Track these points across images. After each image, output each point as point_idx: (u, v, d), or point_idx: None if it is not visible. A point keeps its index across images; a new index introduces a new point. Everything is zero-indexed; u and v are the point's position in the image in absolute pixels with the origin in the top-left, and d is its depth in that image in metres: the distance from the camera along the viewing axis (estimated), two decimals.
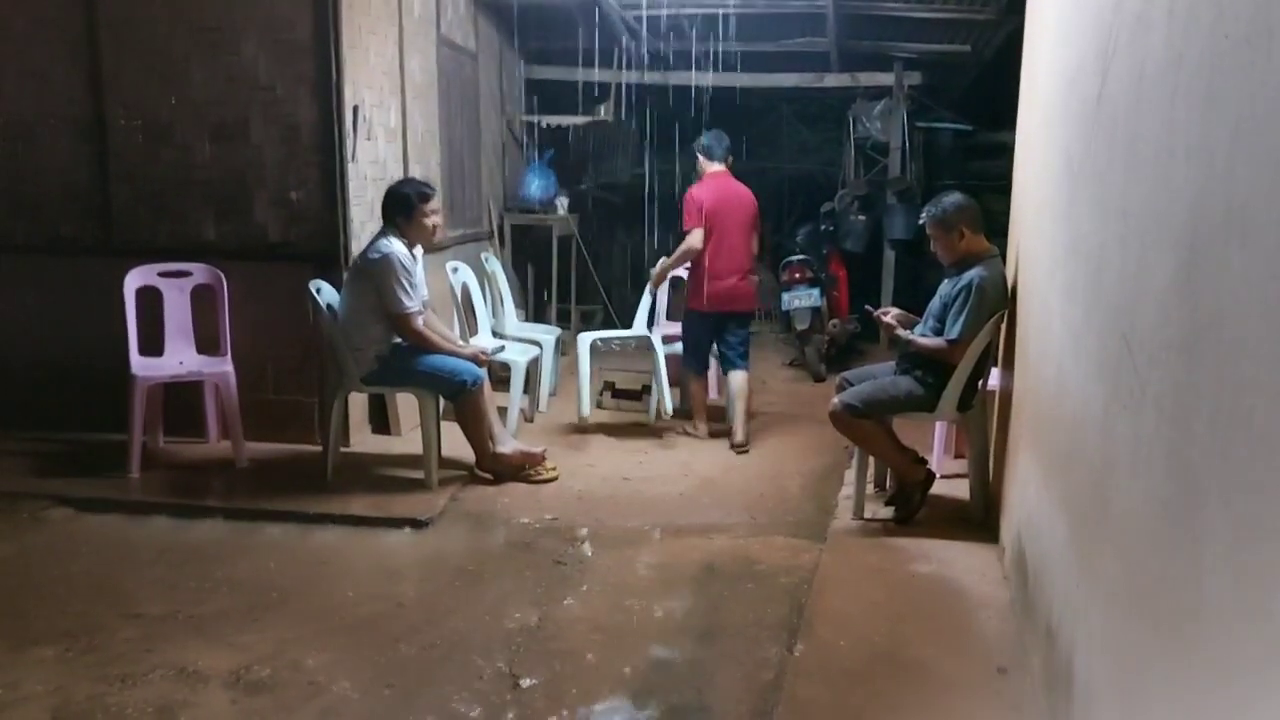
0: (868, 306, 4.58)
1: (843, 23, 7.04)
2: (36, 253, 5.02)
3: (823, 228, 8.00)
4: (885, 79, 7.96)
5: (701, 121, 7.62)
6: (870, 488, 4.38)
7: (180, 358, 4.75)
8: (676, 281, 6.27)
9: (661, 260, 5.59)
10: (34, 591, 3.42)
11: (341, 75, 4.73)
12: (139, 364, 4.56)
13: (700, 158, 5.39)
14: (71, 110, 4.89)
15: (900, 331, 4.21)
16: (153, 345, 4.70)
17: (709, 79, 7.57)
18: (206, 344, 4.80)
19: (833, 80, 8.08)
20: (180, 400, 4.84)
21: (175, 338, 4.78)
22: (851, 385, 4.26)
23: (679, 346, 5.65)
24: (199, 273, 4.77)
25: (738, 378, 5.34)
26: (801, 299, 7.06)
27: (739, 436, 5.25)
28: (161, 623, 3.20)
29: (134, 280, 4.63)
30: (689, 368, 5.47)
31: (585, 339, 5.61)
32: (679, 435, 5.48)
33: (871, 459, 4.30)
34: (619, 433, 5.54)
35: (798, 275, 7.16)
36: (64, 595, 3.40)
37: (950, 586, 3.54)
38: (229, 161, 4.85)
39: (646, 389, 6.11)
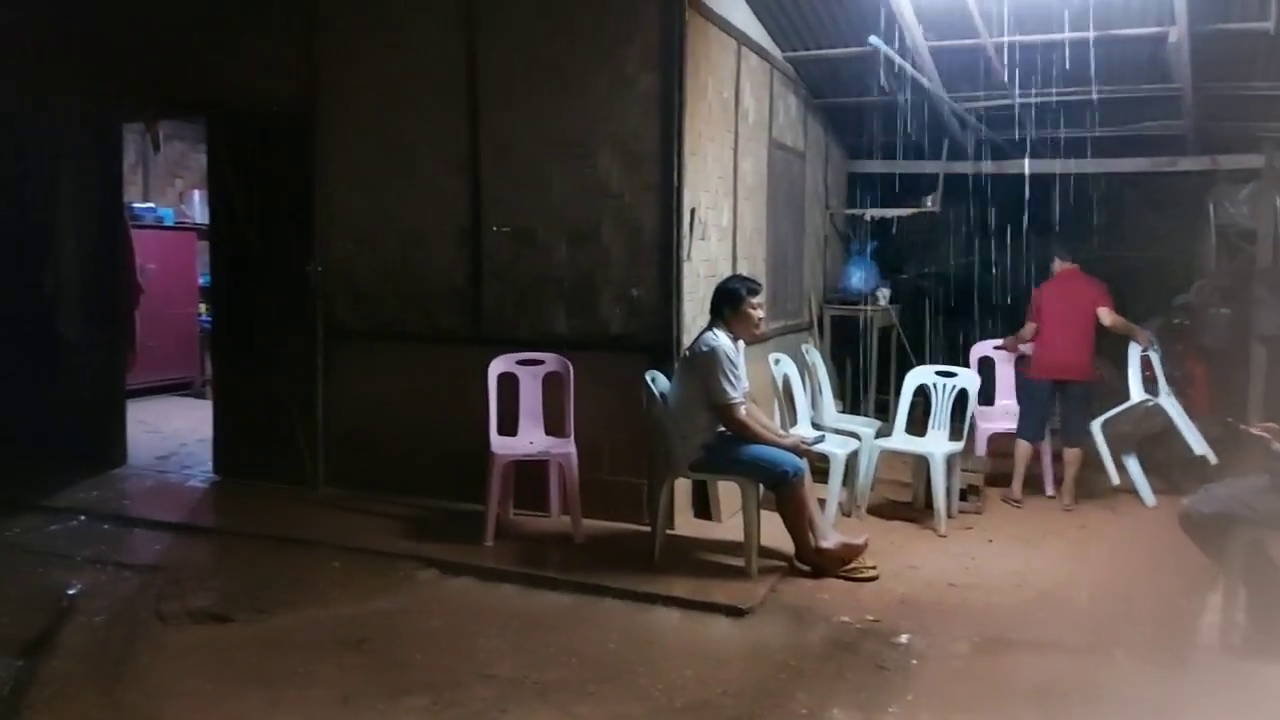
0: (1229, 419, 4.16)
1: (1203, 104, 6.54)
2: (421, 341, 5.75)
3: (1175, 321, 7.34)
4: (1252, 161, 7.22)
5: (1032, 207, 7.31)
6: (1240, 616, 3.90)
7: (531, 438, 5.23)
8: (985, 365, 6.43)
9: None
10: (406, 644, 3.87)
11: (682, 181, 5.08)
12: (497, 443, 5.07)
13: (1055, 260, 6.16)
14: (456, 220, 5.61)
15: (1276, 443, 3.77)
16: (507, 425, 5.22)
17: (1047, 166, 7.27)
18: (553, 425, 5.25)
19: (1189, 164, 7.47)
20: (528, 476, 5.31)
21: (527, 419, 5.28)
22: None
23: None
24: (550, 361, 5.26)
25: (1071, 453, 5.91)
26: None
27: (1066, 500, 5.85)
28: (511, 685, 3.51)
29: (496, 367, 5.19)
30: (1022, 434, 5.99)
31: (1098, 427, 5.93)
32: (1001, 501, 5.91)
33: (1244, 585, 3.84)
34: (944, 535, 5.34)
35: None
36: (430, 650, 3.82)
37: None
38: (581, 262, 5.34)
39: (973, 489, 5.91)
